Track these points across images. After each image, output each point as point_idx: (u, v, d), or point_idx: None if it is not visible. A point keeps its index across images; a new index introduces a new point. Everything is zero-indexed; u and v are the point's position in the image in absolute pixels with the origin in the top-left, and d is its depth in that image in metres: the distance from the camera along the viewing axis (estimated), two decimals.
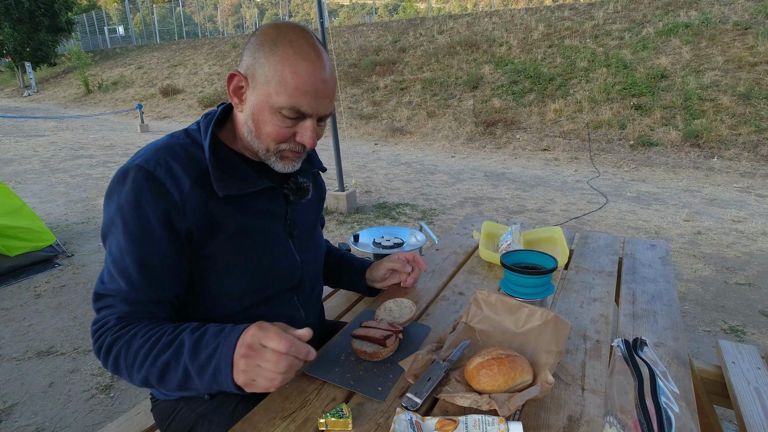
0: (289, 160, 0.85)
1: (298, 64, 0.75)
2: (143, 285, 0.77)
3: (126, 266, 0.76)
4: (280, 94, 0.76)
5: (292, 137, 0.81)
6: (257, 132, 0.81)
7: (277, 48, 0.76)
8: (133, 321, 0.77)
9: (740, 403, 1.16)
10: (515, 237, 1.38)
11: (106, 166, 6.94)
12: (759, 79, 6.70)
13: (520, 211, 4.45)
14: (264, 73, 0.77)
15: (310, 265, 0.99)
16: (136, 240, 0.76)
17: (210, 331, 0.73)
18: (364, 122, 9.37)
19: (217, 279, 0.84)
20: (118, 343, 0.74)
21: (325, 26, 3.94)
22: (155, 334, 0.74)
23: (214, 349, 0.70)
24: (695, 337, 2.34)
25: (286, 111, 0.77)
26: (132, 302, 0.77)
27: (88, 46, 26.11)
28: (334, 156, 4.43)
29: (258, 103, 0.78)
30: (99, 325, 0.77)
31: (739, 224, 3.94)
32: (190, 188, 0.78)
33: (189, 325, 0.76)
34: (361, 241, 2.13)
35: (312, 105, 0.78)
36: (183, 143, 0.83)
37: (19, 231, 3.19)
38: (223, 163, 0.83)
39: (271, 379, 0.67)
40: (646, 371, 0.64)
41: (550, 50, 9.42)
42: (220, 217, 0.82)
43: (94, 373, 2.16)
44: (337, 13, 36.65)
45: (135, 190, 0.76)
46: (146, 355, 0.72)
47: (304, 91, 0.76)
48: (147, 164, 0.77)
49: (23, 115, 13.81)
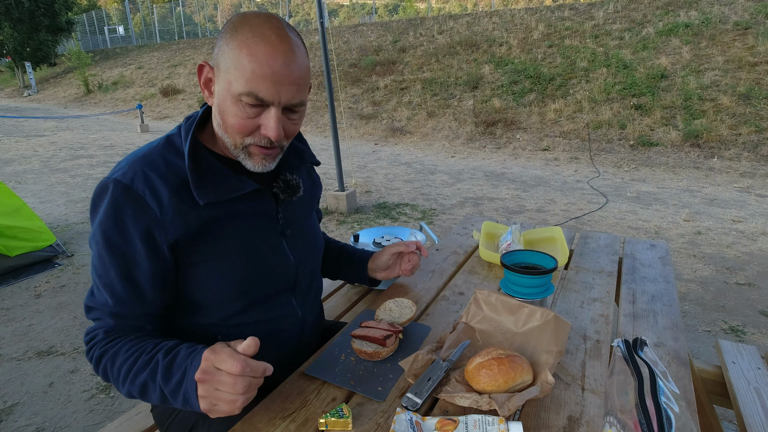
0: (258, 157, 0.79)
1: (255, 46, 0.70)
2: (128, 300, 0.77)
3: (110, 281, 0.76)
4: (238, 80, 0.71)
5: (256, 130, 0.76)
6: (224, 125, 0.77)
7: (237, 33, 0.72)
8: (120, 335, 0.78)
9: (740, 403, 1.16)
10: (515, 237, 1.38)
11: (106, 166, 6.94)
12: (759, 79, 6.70)
13: (520, 211, 4.45)
14: (225, 60, 0.73)
15: (306, 263, 0.97)
16: (119, 255, 0.76)
17: (181, 354, 0.71)
18: (364, 122, 9.37)
19: (205, 285, 0.82)
20: (105, 357, 0.76)
21: (325, 26, 3.94)
22: (135, 353, 0.74)
23: (183, 374, 0.68)
24: (695, 337, 2.34)
25: (245, 98, 0.72)
26: (118, 316, 0.78)
27: (88, 46, 26.12)
28: (334, 156, 4.43)
29: (221, 92, 0.75)
30: (90, 337, 0.79)
31: (739, 224, 3.94)
32: (169, 199, 0.76)
33: (165, 345, 0.74)
34: (361, 241, 2.13)
35: (271, 91, 0.72)
36: (161, 152, 0.80)
37: (19, 231, 3.19)
38: (203, 169, 0.79)
39: (232, 401, 0.64)
40: (646, 371, 0.64)
41: (550, 50, 9.42)
42: (204, 223, 0.79)
43: (94, 373, 2.16)
44: (337, 13, 36.64)
45: (114, 206, 0.74)
46: (127, 373, 0.73)
47: (261, 75, 0.71)
48: (124, 178, 0.75)
49: (23, 115, 13.81)
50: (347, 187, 4.77)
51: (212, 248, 0.81)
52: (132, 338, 0.77)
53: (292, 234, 0.93)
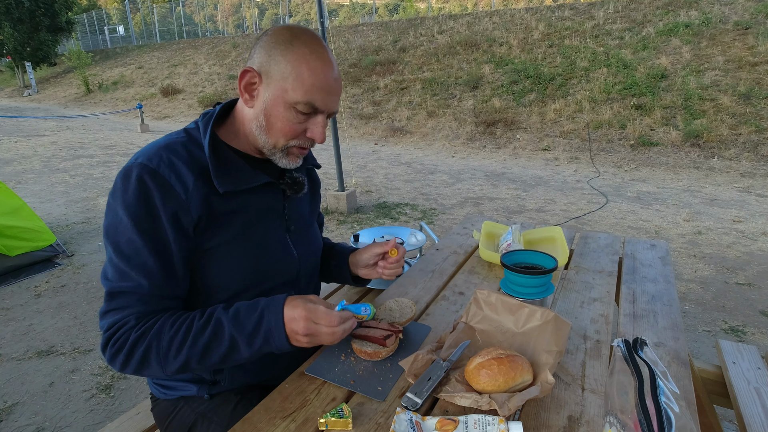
0: (295, 156, 0.89)
1: (314, 63, 0.80)
2: (163, 279, 0.79)
3: (144, 262, 0.77)
4: (296, 90, 0.80)
5: (302, 133, 0.85)
6: (268, 127, 0.84)
7: (293, 47, 0.80)
8: (152, 317, 0.78)
9: (740, 403, 1.16)
10: (515, 237, 1.38)
11: (106, 165, 6.94)
12: (759, 79, 6.69)
13: (520, 210, 4.45)
14: (280, 70, 0.80)
15: (307, 259, 1.01)
16: (151, 236, 0.77)
17: (243, 306, 0.80)
18: (364, 122, 9.37)
19: (216, 272, 0.85)
20: (146, 337, 0.76)
21: (325, 26, 3.94)
22: (185, 321, 0.78)
23: (259, 317, 0.78)
24: (695, 337, 2.34)
25: (301, 106, 0.81)
26: (151, 298, 0.78)
27: (88, 45, 26.11)
28: (334, 156, 4.43)
29: (272, 98, 0.81)
30: (117, 327, 0.77)
31: (740, 224, 3.94)
32: (194, 184, 0.80)
33: (216, 307, 0.81)
34: (362, 240, 2.13)
35: (325, 101, 0.82)
36: (183, 141, 0.84)
37: (19, 231, 3.19)
38: (223, 160, 0.85)
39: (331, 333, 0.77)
40: (646, 371, 0.64)
41: (550, 50, 9.42)
42: (222, 212, 0.84)
43: (94, 373, 2.16)
44: (337, 12, 36.63)
45: (141, 188, 0.77)
46: (183, 341, 0.76)
47: (319, 88, 0.80)
48: (150, 162, 0.78)
49: (23, 114, 13.81)
50: (347, 187, 4.77)
51: (225, 237, 0.84)
52: (168, 316, 0.79)
53: (296, 230, 0.98)
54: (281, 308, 0.78)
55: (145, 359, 0.76)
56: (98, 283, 3.10)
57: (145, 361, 0.76)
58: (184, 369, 0.77)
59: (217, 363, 0.78)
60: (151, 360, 0.76)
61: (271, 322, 0.77)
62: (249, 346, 0.77)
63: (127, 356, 0.75)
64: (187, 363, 0.77)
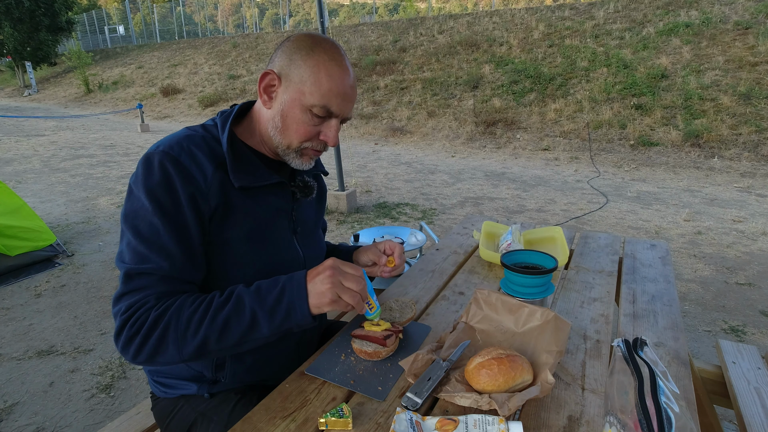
0: (308, 157, 0.91)
1: (332, 69, 0.83)
2: (183, 262, 0.79)
3: (165, 244, 0.78)
4: (313, 94, 0.82)
5: (316, 136, 0.87)
6: (283, 128, 0.86)
7: (314, 53, 0.83)
8: (173, 297, 0.78)
9: (740, 403, 1.16)
10: (515, 237, 1.38)
11: (106, 165, 6.94)
12: (759, 79, 6.69)
13: (520, 210, 4.45)
14: (300, 74, 0.83)
15: (312, 262, 1.01)
16: (172, 219, 0.78)
17: (263, 283, 0.81)
18: (364, 122, 9.37)
19: (227, 267, 0.86)
20: (166, 316, 0.75)
21: (325, 26, 3.94)
22: (205, 299, 0.78)
23: (280, 292, 0.79)
24: (695, 337, 2.34)
25: (317, 109, 0.83)
26: (171, 280, 0.79)
27: (88, 45, 26.11)
28: (335, 156, 4.43)
29: (290, 100, 0.84)
30: (136, 308, 0.75)
31: (740, 224, 3.94)
32: (213, 174, 0.83)
33: (236, 286, 0.81)
34: (362, 240, 2.13)
35: (340, 106, 0.85)
36: (202, 135, 0.87)
37: (19, 230, 3.19)
38: (239, 156, 0.87)
39: (354, 294, 0.79)
40: (646, 371, 0.64)
41: (550, 50, 9.42)
42: (236, 205, 0.86)
43: (95, 373, 2.16)
44: (337, 12, 36.63)
45: (163, 174, 0.79)
46: (202, 317, 0.75)
47: (335, 93, 0.83)
48: (172, 150, 0.81)
49: (23, 114, 13.82)
50: (347, 187, 4.77)
51: (237, 232, 0.86)
52: (187, 296, 0.79)
53: (302, 232, 1.00)
54: (303, 279, 0.80)
55: (163, 340, 0.74)
56: (98, 282, 3.10)
57: (162, 342, 0.74)
58: (201, 350, 0.75)
59: (236, 342, 0.77)
60: (168, 341, 0.74)
61: (294, 294, 0.78)
62: (270, 321, 0.77)
63: (144, 338, 0.74)
64: (205, 342, 0.75)
